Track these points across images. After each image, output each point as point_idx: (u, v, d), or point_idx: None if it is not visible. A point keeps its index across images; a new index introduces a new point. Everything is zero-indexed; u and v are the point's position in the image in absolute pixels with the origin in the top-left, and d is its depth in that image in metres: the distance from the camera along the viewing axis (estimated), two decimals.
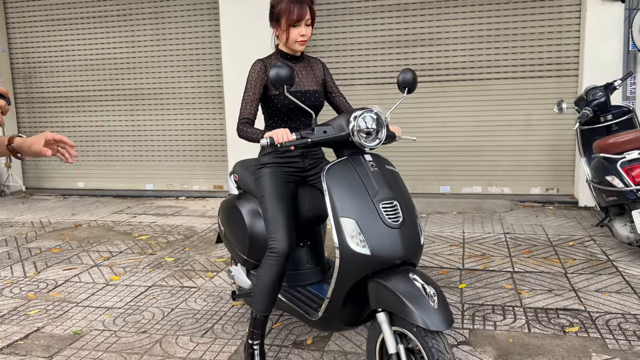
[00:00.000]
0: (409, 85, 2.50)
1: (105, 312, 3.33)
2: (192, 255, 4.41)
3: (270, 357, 2.69)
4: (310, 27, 2.54)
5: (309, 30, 2.54)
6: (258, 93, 2.52)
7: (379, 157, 2.35)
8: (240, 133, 2.47)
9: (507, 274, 3.74)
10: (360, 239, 2.13)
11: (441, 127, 6.18)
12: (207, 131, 6.90)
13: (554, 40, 5.76)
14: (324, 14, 6.26)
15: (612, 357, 2.59)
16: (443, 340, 2.02)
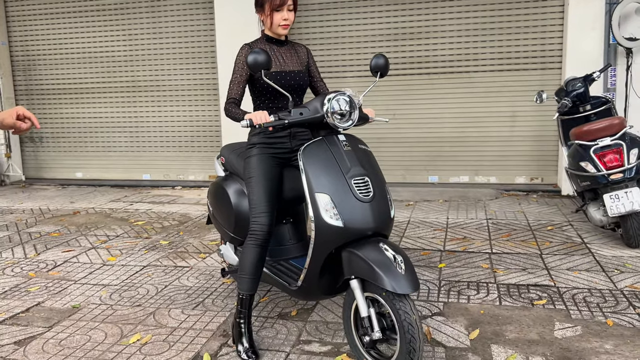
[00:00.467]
0: (381, 70, 2.67)
1: (102, 288, 3.52)
2: (186, 239, 4.60)
3: (256, 327, 2.88)
4: (292, 12, 2.71)
5: (291, 15, 2.71)
6: (245, 75, 2.69)
7: (353, 137, 2.52)
8: (227, 112, 2.65)
9: (485, 255, 3.92)
10: (333, 213, 2.31)
11: (429, 119, 6.36)
12: (202, 122, 7.08)
13: (538, 34, 5.93)
14: (316, 7, 6.43)
15: (574, 326, 2.78)
16: (410, 303, 2.21)
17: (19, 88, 7.73)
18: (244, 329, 2.63)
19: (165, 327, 2.92)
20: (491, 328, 2.79)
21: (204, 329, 2.89)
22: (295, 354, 2.60)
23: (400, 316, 2.18)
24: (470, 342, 2.66)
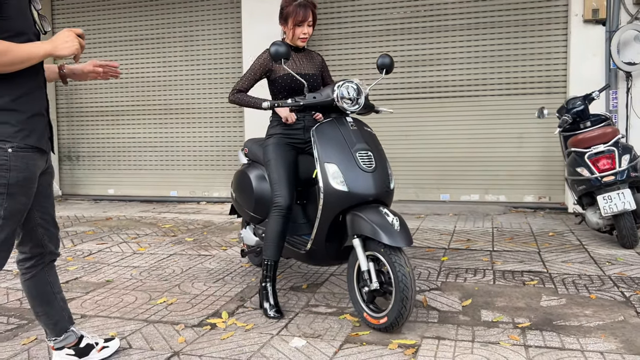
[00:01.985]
0: (387, 67, 3.05)
1: (132, 269, 3.89)
2: (209, 237, 4.96)
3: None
4: (311, 27, 3.15)
5: (310, 30, 3.15)
6: (258, 74, 3.12)
7: (359, 120, 2.90)
8: (234, 99, 3.09)
9: (487, 252, 4.19)
10: (340, 180, 2.67)
11: (441, 140, 6.71)
12: (227, 143, 7.55)
13: (543, 60, 6.31)
14: (335, 36, 6.95)
15: (560, 298, 3.04)
16: (404, 257, 2.53)
17: (61, 110, 8.36)
18: (270, 291, 2.94)
19: (189, 294, 3.26)
20: (483, 299, 3.06)
21: (224, 296, 3.22)
22: (303, 313, 2.91)
23: (395, 268, 2.50)
24: (462, 307, 2.93)
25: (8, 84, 1.85)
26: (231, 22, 7.38)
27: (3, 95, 1.84)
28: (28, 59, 1.82)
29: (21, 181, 1.89)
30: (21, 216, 1.95)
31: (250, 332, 2.65)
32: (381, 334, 2.58)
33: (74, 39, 1.90)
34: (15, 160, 1.86)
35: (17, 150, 1.87)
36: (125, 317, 2.89)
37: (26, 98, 1.90)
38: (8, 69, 1.79)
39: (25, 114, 1.89)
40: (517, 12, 6.36)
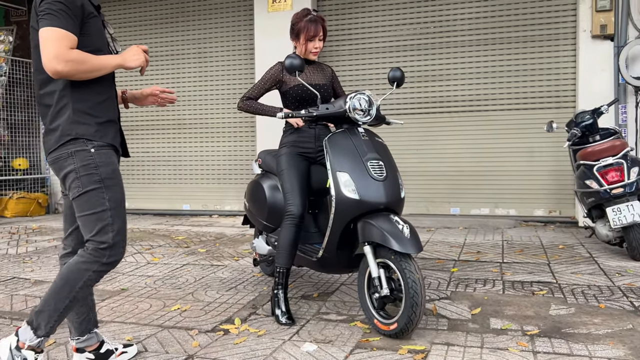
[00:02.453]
0: (398, 80, 3.13)
1: (147, 278, 3.96)
2: (222, 248, 5.04)
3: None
4: (322, 41, 3.25)
5: (321, 44, 3.24)
6: (268, 84, 3.22)
7: (371, 131, 2.98)
8: (244, 106, 3.22)
9: (496, 264, 4.22)
10: (352, 188, 2.74)
11: (451, 154, 6.76)
12: (239, 157, 7.66)
13: (552, 75, 6.38)
14: (346, 51, 7.07)
15: (569, 307, 3.06)
16: (414, 264, 2.58)
17: None
18: (282, 298, 3.00)
19: (202, 302, 3.32)
20: (492, 308, 3.10)
21: (236, 303, 3.28)
22: (314, 320, 2.96)
23: (406, 274, 2.55)
24: (471, 316, 2.97)
25: (89, 92, 2.12)
26: (244, 38, 7.54)
27: (85, 101, 2.11)
28: (102, 67, 2.09)
29: (110, 174, 2.13)
30: (124, 205, 2.17)
31: (263, 338, 2.70)
32: (391, 340, 2.63)
33: (141, 53, 2.18)
34: (99, 157, 2.11)
35: (98, 148, 2.12)
36: (141, 323, 2.96)
37: (101, 106, 2.16)
38: (86, 76, 2.06)
39: (101, 119, 2.15)
40: (526, 28, 6.45)
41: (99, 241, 2.10)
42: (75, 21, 2.03)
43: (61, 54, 1.97)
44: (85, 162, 2.09)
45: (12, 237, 5.90)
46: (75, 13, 2.03)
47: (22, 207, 7.76)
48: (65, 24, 2.00)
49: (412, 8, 6.85)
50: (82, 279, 2.10)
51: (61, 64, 1.96)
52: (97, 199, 2.09)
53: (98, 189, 2.09)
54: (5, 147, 7.95)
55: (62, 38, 1.98)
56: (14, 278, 4.03)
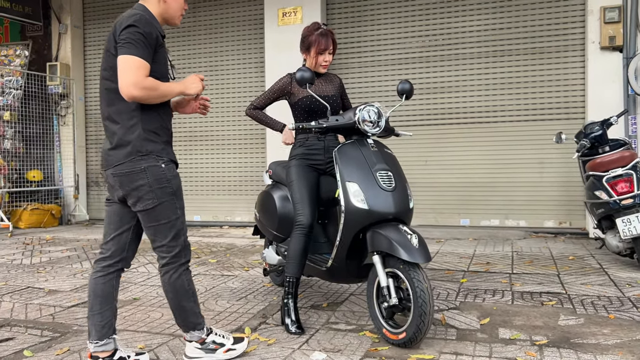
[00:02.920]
0: (407, 93, 3.17)
1: (158, 288, 4.01)
2: (232, 259, 5.08)
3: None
4: (332, 54, 3.31)
5: (330, 57, 3.31)
6: (276, 95, 3.31)
7: (380, 142, 3.02)
8: (251, 114, 3.33)
9: (506, 275, 4.22)
10: (361, 198, 2.78)
11: (461, 165, 6.78)
12: (249, 168, 7.73)
13: (561, 86, 6.40)
14: (355, 65, 7.14)
15: (578, 318, 3.06)
16: (422, 273, 2.61)
17: (90, 137, 8.67)
18: (292, 307, 3.03)
19: (213, 311, 3.36)
20: (501, 318, 3.10)
21: (246, 313, 3.32)
22: (323, 330, 2.98)
23: (414, 283, 2.57)
24: (480, 326, 2.98)
25: (155, 114, 2.38)
26: (254, 51, 7.64)
27: (154, 122, 2.37)
28: (169, 94, 2.37)
29: (178, 185, 2.42)
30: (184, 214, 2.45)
31: (272, 347, 2.73)
32: (400, 350, 2.64)
33: (199, 82, 2.46)
34: (168, 171, 2.38)
35: (167, 163, 2.38)
36: (152, 332, 3.00)
37: (164, 127, 2.43)
38: (155, 100, 2.31)
39: (164, 138, 2.42)
40: (535, 40, 6.49)
41: (173, 245, 2.39)
42: (150, 50, 2.28)
43: (139, 81, 2.20)
44: (157, 177, 2.33)
45: (26, 248, 5.99)
46: (150, 43, 2.28)
47: (36, 218, 7.86)
48: (143, 54, 2.24)
49: (420, 20, 6.92)
50: (184, 281, 2.44)
51: (137, 90, 2.21)
52: (171, 208, 2.36)
53: (171, 200, 2.36)
54: (20, 159, 8.09)
55: (140, 67, 2.22)
56: (28, 287, 4.10)
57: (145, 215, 2.36)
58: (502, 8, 6.61)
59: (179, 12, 2.52)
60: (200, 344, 2.52)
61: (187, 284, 2.47)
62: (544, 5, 6.46)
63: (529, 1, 6.51)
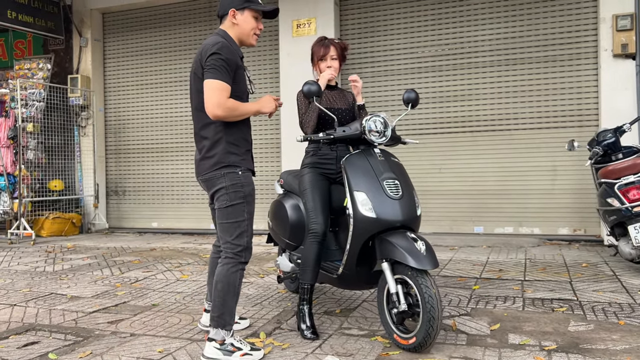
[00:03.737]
0: (413, 102, 3.25)
1: (176, 294, 4.12)
2: (248, 266, 5.18)
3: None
4: (336, 60, 3.38)
5: (334, 63, 3.38)
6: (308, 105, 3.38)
7: (387, 151, 3.10)
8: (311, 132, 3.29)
9: (518, 282, 4.26)
10: (369, 207, 2.86)
11: (474, 173, 6.82)
12: (266, 177, 7.84)
13: (574, 94, 6.42)
14: (368, 74, 7.24)
15: (588, 324, 3.09)
16: (430, 279, 2.68)
17: (110, 148, 8.87)
18: (306, 313, 3.11)
19: None
20: (511, 324, 3.15)
21: (261, 318, 3.41)
22: (336, 335, 3.06)
23: (422, 289, 2.64)
24: (490, 331, 3.03)
25: (237, 129, 2.76)
26: (269, 62, 7.78)
27: (234, 134, 2.74)
28: (247, 113, 2.74)
29: (251, 192, 2.77)
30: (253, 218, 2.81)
31: (287, 351, 2.81)
32: (410, 354, 2.71)
33: (273, 102, 2.82)
34: (244, 178, 2.75)
35: (244, 171, 2.76)
36: (171, 336, 3.10)
37: (243, 139, 2.80)
38: (235, 119, 2.70)
39: (243, 149, 2.79)
40: (547, 48, 6.52)
41: (237, 244, 2.71)
42: (231, 74, 2.65)
43: (222, 103, 2.59)
44: (233, 182, 2.70)
45: (48, 255, 6.16)
46: (231, 68, 2.65)
47: (57, 227, 8.06)
48: (226, 77, 2.62)
49: (433, 30, 7.00)
50: (237, 278, 2.71)
51: (220, 110, 2.60)
52: (240, 210, 2.71)
53: (241, 203, 2.72)
54: (42, 169, 8.30)
55: (223, 90, 2.60)
56: (52, 294, 4.24)
57: (219, 213, 2.73)
58: (514, 17, 6.67)
59: (251, 33, 2.83)
60: (220, 344, 2.67)
61: (238, 283, 2.73)
62: (556, 14, 6.50)
63: (541, 10, 6.56)
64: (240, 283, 2.74)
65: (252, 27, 2.82)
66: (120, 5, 8.54)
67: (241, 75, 2.76)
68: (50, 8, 8.43)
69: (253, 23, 2.82)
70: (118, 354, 2.82)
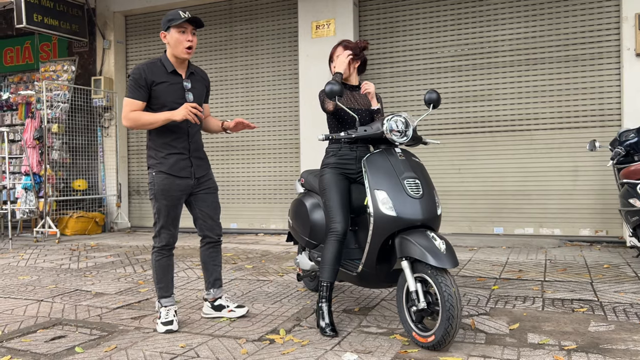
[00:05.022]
0: (434, 102, 3.26)
1: (198, 292, 4.19)
2: (267, 265, 5.24)
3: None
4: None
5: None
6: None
7: (408, 151, 3.12)
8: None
9: (538, 282, 4.24)
10: (389, 205, 2.89)
11: (494, 173, 6.79)
12: (284, 177, 7.91)
13: (596, 93, 6.35)
14: (387, 75, 7.25)
15: (609, 325, 3.08)
16: (450, 278, 2.69)
17: (132, 148, 9.02)
18: (326, 310, 3.14)
19: (249, 314, 3.51)
20: (530, 324, 3.15)
21: (281, 315, 3.46)
22: (355, 333, 3.09)
23: (442, 288, 2.66)
24: (509, 331, 3.03)
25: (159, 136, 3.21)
26: (288, 63, 7.84)
27: (155, 140, 3.23)
28: (153, 122, 3.14)
29: (161, 191, 3.20)
30: (166, 212, 3.24)
31: (306, 347, 2.85)
32: (429, 352, 2.73)
33: (186, 109, 3.07)
34: (156, 179, 3.21)
35: (157, 173, 3.20)
36: (193, 332, 3.16)
37: (166, 145, 3.21)
38: (143, 127, 3.18)
39: (163, 153, 3.20)
40: (569, 47, 6.47)
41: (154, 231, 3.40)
42: (141, 91, 3.12)
43: (125, 115, 3.15)
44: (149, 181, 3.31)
45: (72, 253, 6.30)
46: (141, 85, 3.12)
47: (81, 226, 8.22)
48: (132, 94, 3.13)
49: (452, 30, 6.99)
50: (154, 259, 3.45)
51: (125, 121, 3.15)
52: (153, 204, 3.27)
53: (152, 199, 3.26)
54: (66, 169, 8.48)
55: (127, 104, 3.14)
56: (77, 290, 4.34)
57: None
58: (534, 16, 6.63)
59: (179, 47, 3.15)
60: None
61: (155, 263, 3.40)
62: (577, 13, 6.45)
63: (562, 8, 6.51)
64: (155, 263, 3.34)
65: (179, 42, 3.15)
66: (142, 8, 8.68)
67: (163, 89, 3.15)
68: (75, 11, 8.60)
69: (179, 37, 3.15)
70: (142, 349, 2.89)
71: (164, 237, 3.30)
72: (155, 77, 3.15)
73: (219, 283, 3.48)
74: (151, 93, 3.15)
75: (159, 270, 3.32)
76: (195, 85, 3.32)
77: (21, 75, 9.89)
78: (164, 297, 3.30)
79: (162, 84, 3.16)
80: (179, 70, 3.25)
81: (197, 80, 3.35)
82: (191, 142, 3.29)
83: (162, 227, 3.27)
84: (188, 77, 3.30)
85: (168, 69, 3.21)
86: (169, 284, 3.34)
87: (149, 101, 3.17)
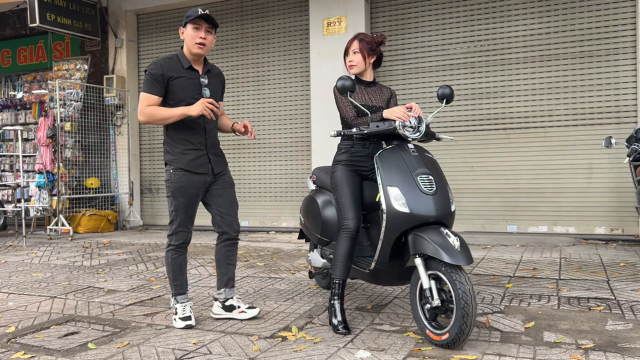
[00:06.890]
0: (447, 97, 3.22)
1: (209, 289, 4.19)
2: (279, 262, 5.22)
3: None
4: (357, 54, 3.32)
5: (355, 57, 3.31)
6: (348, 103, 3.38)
7: (420, 147, 3.09)
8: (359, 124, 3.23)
9: (553, 280, 4.18)
10: (402, 202, 2.85)
11: (507, 171, 6.72)
12: (295, 175, 7.89)
13: (612, 90, 6.26)
14: (399, 72, 7.21)
15: (626, 323, 3.02)
16: (464, 275, 2.66)
17: (144, 147, 9.05)
18: (338, 308, 3.12)
19: (261, 311, 3.49)
20: (546, 322, 3.10)
21: (293, 313, 3.44)
22: (368, 330, 3.06)
23: (456, 285, 2.62)
24: (524, 329, 2.99)
25: (176, 132, 3.21)
26: (299, 61, 7.82)
27: (173, 136, 3.21)
28: (169, 117, 3.12)
29: (177, 189, 3.19)
30: (184, 210, 3.23)
31: (319, 345, 2.83)
32: (443, 350, 2.70)
33: (202, 105, 3.07)
34: (174, 176, 3.19)
35: (175, 170, 3.19)
36: (205, 329, 3.16)
37: (183, 140, 3.20)
38: (159, 122, 3.17)
39: (180, 149, 3.20)
40: (584, 43, 6.39)
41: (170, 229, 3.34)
42: (157, 85, 3.12)
43: (141, 110, 3.13)
44: (166, 178, 3.28)
45: (85, 251, 6.33)
46: (158, 79, 3.12)
47: (94, 224, 8.27)
48: (149, 89, 3.13)
49: (465, 26, 6.93)
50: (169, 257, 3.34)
51: (141, 116, 3.14)
52: (170, 202, 3.25)
53: (169, 197, 3.25)
54: (79, 167, 8.53)
55: (144, 99, 3.13)
56: (89, 287, 4.36)
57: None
58: (548, 12, 6.55)
59: (192, 43, 3.15)
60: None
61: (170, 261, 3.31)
62: (592, 8, 6.36)
63: (577, 4, 6.42)
64: (171, 261, 3.27)
65: (192, 38, 3.17)
66: (154, 7, 8.71)
67: (180, 84, 3.16)
68: (87, 10, 8.65)
69: (192, 33, 3.17)
70: (154, 345, 2.89)
71: (181, 235, 3.27)
72: (172, 72, 3.15)
73: (231, 283, 3.41)
74: (168, 88, 3.15)
75: (175, 268, 3.29)
76: (211, 81, 3.31)
77: (34, 74, 9.98)
78: (180, 294, 3.30)
79: (179, 79, 3.16)
80: (196, 66, 3.25)
81: (213, 77, 3.35)
82: (208, 137, 3.27)
83: (179, 225, 3.25)
84: (205, 73, 3.29)
85: (184, 64, 3.21)
86: (184, 282, 3.33)
87: (166, 96, 3.16)
